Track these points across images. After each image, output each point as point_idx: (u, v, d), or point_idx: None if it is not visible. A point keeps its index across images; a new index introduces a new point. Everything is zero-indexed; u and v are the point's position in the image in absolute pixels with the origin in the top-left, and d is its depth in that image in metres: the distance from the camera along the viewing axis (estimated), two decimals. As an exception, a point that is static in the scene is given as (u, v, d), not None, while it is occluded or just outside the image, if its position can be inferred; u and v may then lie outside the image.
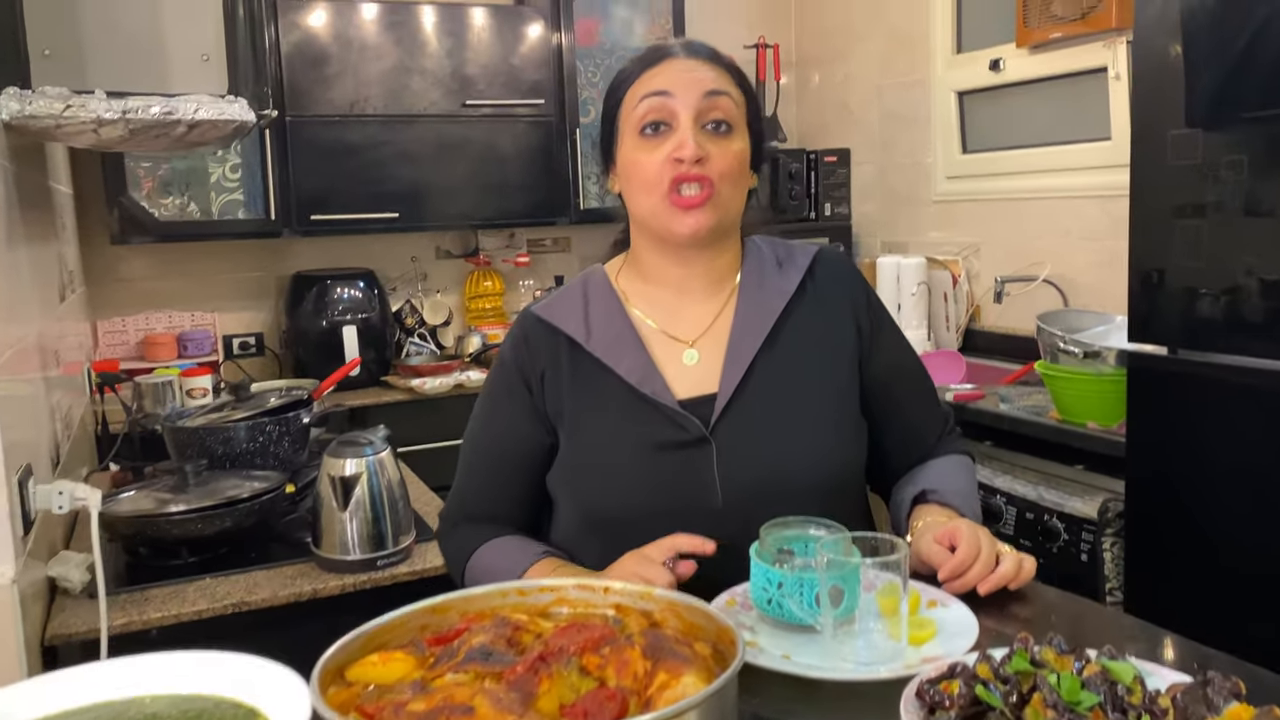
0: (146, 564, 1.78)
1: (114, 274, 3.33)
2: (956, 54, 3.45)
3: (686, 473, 1.22)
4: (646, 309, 1.32)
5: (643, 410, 1.24)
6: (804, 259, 1.33)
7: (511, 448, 1.34)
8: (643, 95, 1.23)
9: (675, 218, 1.22)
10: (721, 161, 1.21)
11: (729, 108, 1.23)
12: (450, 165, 3.39)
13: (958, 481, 1.32)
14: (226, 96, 1.80)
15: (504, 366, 1.35)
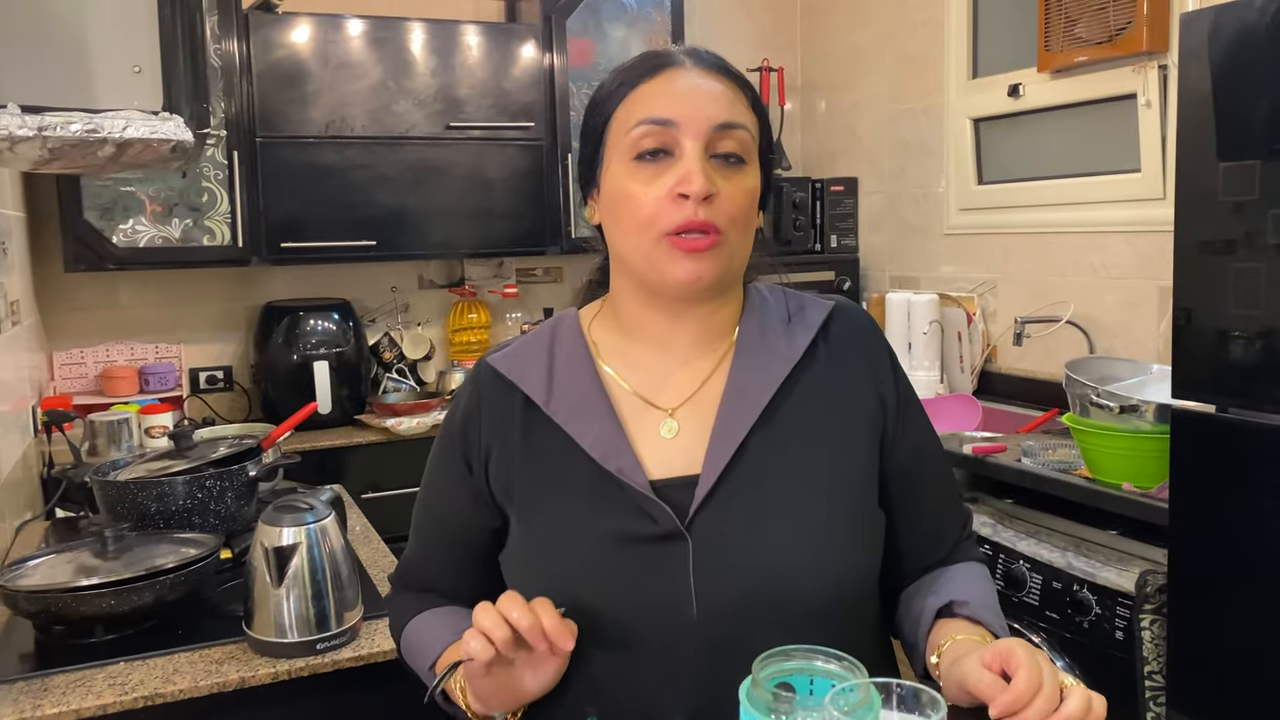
0: (59, 643, 1.55)
1: (72, 302, 3.13)
2: (972, 79, 3.25)
3: (655, 575, 0.97)
4: (621, 367, 1.08)
5: (607, 492, 1.01)
6: (817, 315, 1.10)
7: (452, 524, 1.13)
8: (639, 120, 1.00)
9: (672, 262, 0.99)
10: (732, 202, 0.99)
11: (744, 139, 1.01)
12: (434, 190, 3.19)
13: (986, 595, 1.08)
14: (160, 114, 1.60)
15: (448, 431, 1.13)
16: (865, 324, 1.14)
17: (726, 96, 1.01)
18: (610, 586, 0.99)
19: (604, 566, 0.99)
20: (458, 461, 1.10)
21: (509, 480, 1.06)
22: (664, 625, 0.96)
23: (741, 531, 0.99)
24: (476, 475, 1.09)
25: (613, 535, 1.00)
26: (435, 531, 1.16)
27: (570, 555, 1.01)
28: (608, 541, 1.00)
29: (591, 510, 1.01)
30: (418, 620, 1.13)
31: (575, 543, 1.01)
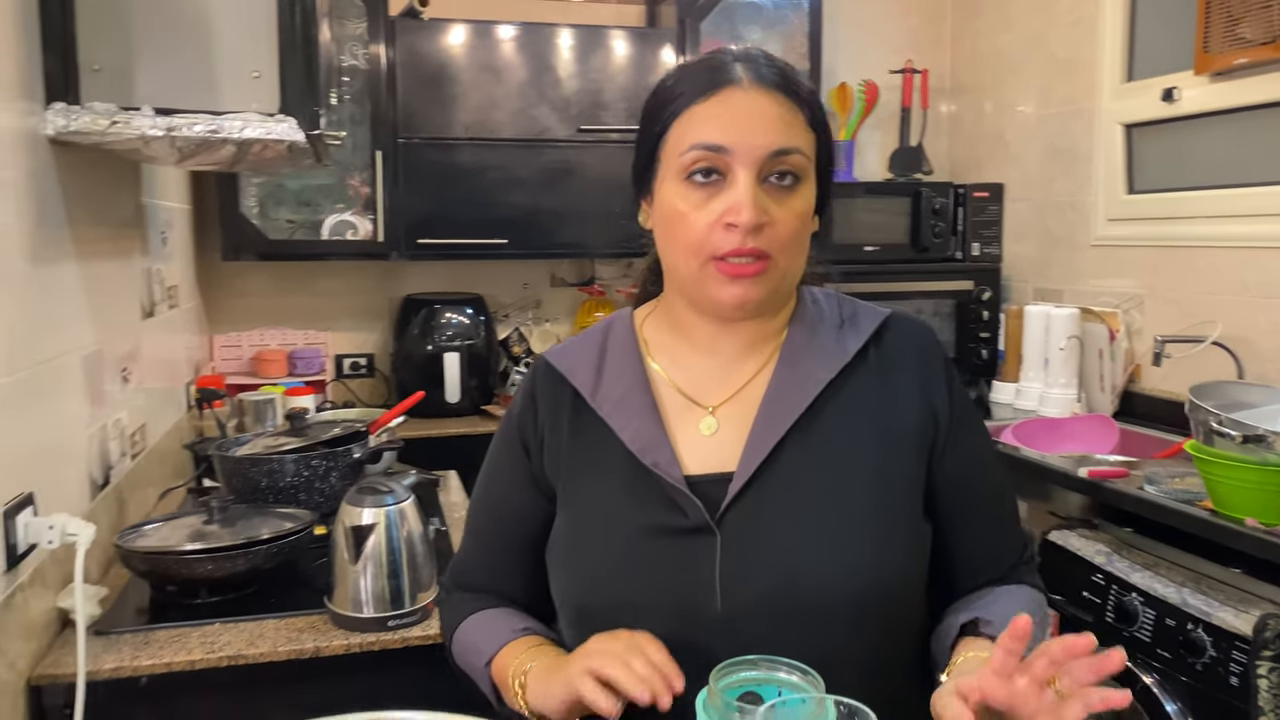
0: (169, 601, 1.69)
1: (231, 289, 3.37)
2: (1126, 82, 3.07)
3: (683, 568, 1.00)
4: (668, 364, 1.11)
5: (644, 484, 1.03)
6: (870, 322, 1.10)
7: (508, 517, 1.17)
8: (692, 144, 1.00)
9: (720, 285, 1.01)
10: (784, 226, 1.00)
11: (799, 162, 1.01)
12: (566, 191, 3.27)
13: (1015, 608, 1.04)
14: (276, 116, 1.72)
15: (508, 422, 1.19)
16: (921, 336, 1.12)
17: (784, 119, 1.00)
18: (639, 577, 1.01)
19: (634, 557, 1.02)
20: (516, 448, 1.15)
21: (557, 467, 1.10)
22: (689, 618, 0.98)
23: (770, 530, 1.00)
24: (534, 459, 1.13)
25: (645, 527, 1.02)
26: (490, 526, 1.20)
27: (604, 544, 1.04)
28: (640, 532, 1.02)
29: (627, 501, 1.04)
30: (470, 621, 1.17)
31: (609, 532, 1.04)
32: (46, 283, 1.60)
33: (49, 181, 1.63)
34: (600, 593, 1.03)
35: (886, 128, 3.83)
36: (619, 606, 1.01)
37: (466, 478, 2.58)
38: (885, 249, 3.57)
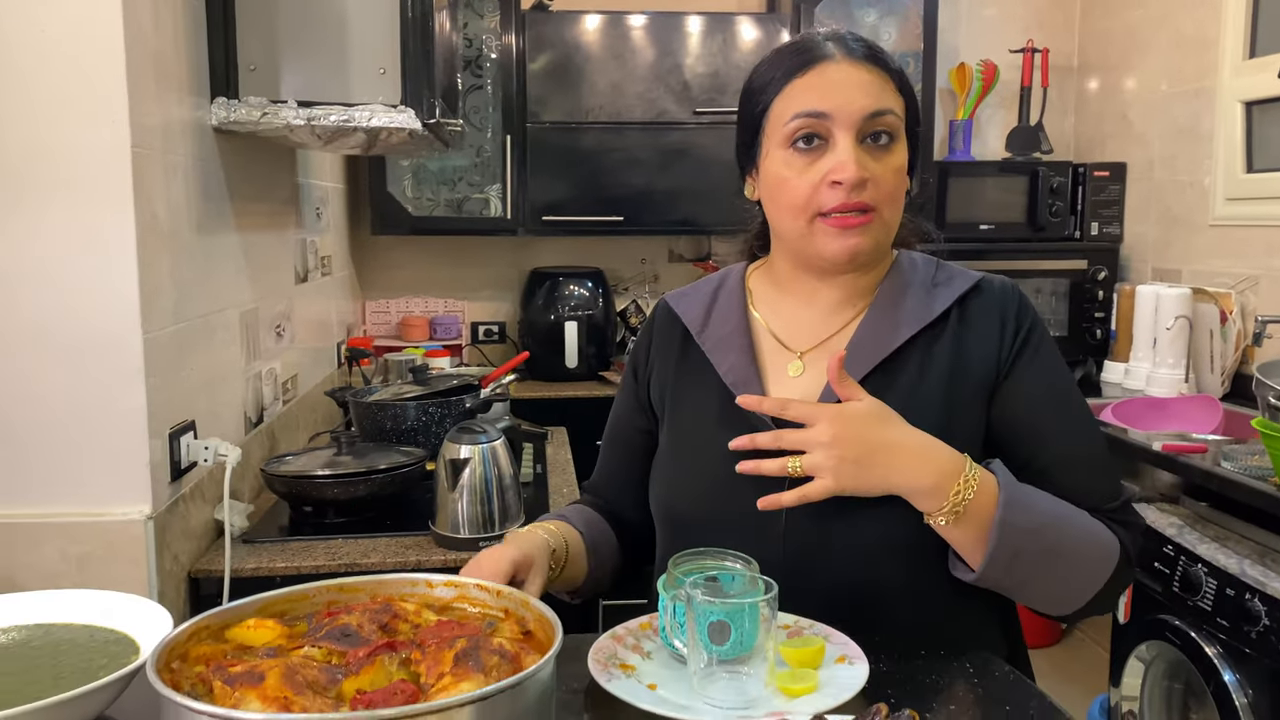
0: (304, 519, 2.00)
1: (381, 261, 3.73)
2: (1247, 59, 3.02)
3: (757, 486, 1.09)
4: (768, 313, 1.24)
5: (734, 415, 1.15)
6: (961, 284, 1.17)
7: (620, 436, 1.36)
8: (795, 113, 1.11)
9: (828, 239, 1.11)
10: (885, 181, 1.10)
11: (893, 122, 1.11)
12: (680, 171, 3.46)
13: (1045, 499, 1.06)
14: (399, 106, 1.99)
15: (630, 351, 1.39)
16: (1005, 297, 1.18)
17: (875, 85, 1.11)
18: (715, 490, 1.17)
19: (714, 472, 1.16)
20: (629, 376, 1.35)
21: (663, 393, 1.28)
22: (760, 536, 1.10)
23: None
24: (641, 384, 1.32)
25: (730, 452, 1.13)
26: (611, 440, 1.38)
27: (694, 464, 1.21)
28: (726, 457, 1.13)
29: (718, 429, 1.18)
30: (570, 506, 1.37)
31: (700, 454, 1.20)
32: (210, 249, 1.92)
33: (213, 164, 1.95)
34: (688, 506, 1.20)
35: (1008, 107, 3.85)
36: (703, 519, 1.17)
37: (577, 435, 2.83)
38: (1001, 227, 3.61)
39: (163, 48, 1.69)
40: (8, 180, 1.51)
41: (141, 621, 0.91)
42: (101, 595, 0.96)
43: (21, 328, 1.54)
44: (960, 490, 0.98)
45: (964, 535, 1.00)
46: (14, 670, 0.86)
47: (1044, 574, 1.02)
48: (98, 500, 1.59)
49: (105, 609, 0.94)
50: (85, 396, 1.56)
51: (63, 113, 1.51)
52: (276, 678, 0.79)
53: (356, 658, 0.85)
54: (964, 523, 0.98)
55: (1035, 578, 1.02)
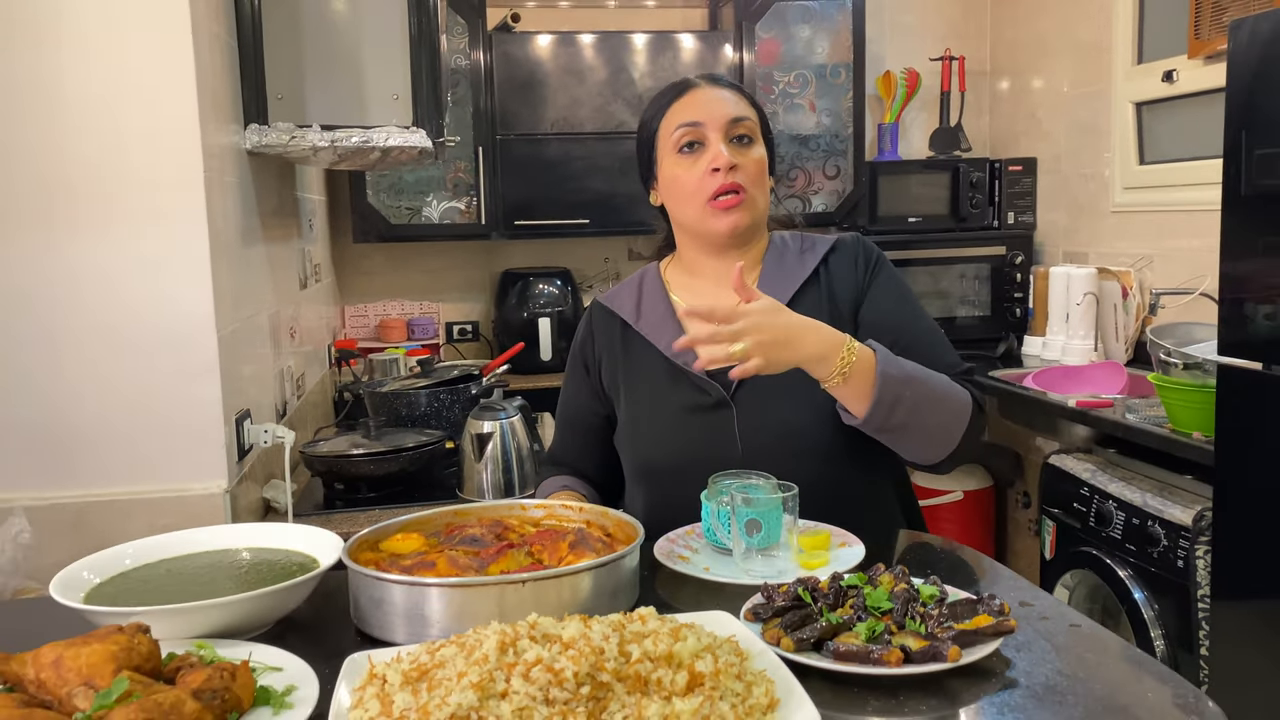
0: (339, 495, 2.26)
1: (359, 267, 3.97)
2: (1136, 64, 3.44)
3: (712, 431, 1.47)
4: (686, 296, 1.58)
5: (678, 378, 1.52)
6: (823, 246, 1.56)
7: (576, 415, 1.69)
8: (677, 125, 1.49)
9: (716, 219, 1.47)
10: (750, 168, 1.47)
11: (750, 126, 1.50)
12: (634, 177, 3.75)
13: (906, 363, 1.33)
14: (410, 128, 2.26)
15: (574, 350, 1.70)
16: (854, 244, 1.57)
17: (732, 100, 1.51)
18: (683, 441, 1.50)
19: (678, 426, 1.50)
20: (580, 370, 1.66)
21: (615, 378, 1.60)
22: (720, 463, 1.40)
23: (768, 398, 1.47)
24: (593, 376, 1.64)
25: (683, 405, 1.51)
26: (569, 422, 1.72)
27: (655, 422, 1.53)
28: (678, 410, 1.51)
29: (668, 391, 1.53)
30: (545, 483, 1.68)
31: (657, 413, 1.53)
32: (248, 258, 2.17)
33: (247, 183, 2.20)
34: (657, 455, 1.52)
35: (929, 110, 4.23)
36: (671, 464, 1.49)
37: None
38: (927, 220, 3.99)
39: (217, 82, 1.95)
40: (103, 203, 1.75)
41: (315, 544, 1.18)
42: (285, 526, 1.23)
43: (104, 329, 1.78)
44: (844, 356, 1.27)
45: (852, 390, 1.28)
46: (234, 576, 1.13)
47: (918, 418, 1.32)
48: (180, 479, 1.83)
49: (288, 536, 1.21)
50: (166, 388, 1.81)
51: (148, 143, 1.76)
52: (444, 564, 1.07)
53: (489, 554, 1.13)
54: (851, 380, 1.27)
55: (911, 422, 1.32)
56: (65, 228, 1.75)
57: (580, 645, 0.84)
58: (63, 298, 1.76)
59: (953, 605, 0.99)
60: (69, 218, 1.75)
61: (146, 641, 0.90)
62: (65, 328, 1.77)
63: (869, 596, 1.02)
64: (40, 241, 1.74)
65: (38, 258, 1.74)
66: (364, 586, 1.06)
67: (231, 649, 0.97)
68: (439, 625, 1.02)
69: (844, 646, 0.93)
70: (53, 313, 1.76)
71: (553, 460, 1.74)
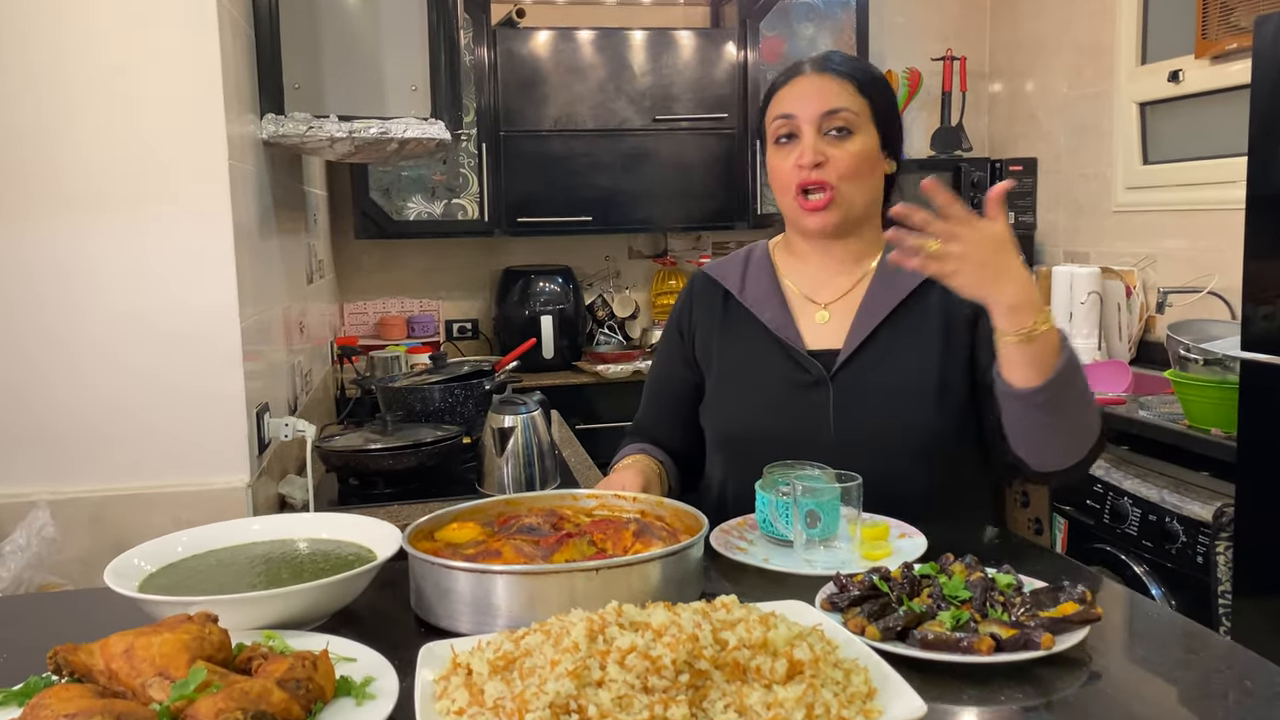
0: (355, 491, 2.22)
1: (357, 264, 3.93)
2: (1140, 65, 3.45)
3: (806, 408, 1.44)
4: (793, 276, 1.56)
5: (777, 353, 1.49)
6: None
7: (665, 383, 1.66)
8: (775, 116, 1.46)
9: (803, 217, 1.44)
10: (842, 162, 1.40)
11: (848, 118, 1.42)
12: (642, 174, 3.76)
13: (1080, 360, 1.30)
14: (429, 119, 2.23)
15: (671, 317, 1.68)
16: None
17: (833, 89, 1.43)
18: (775, 416, 1.47)
19: (772, 398, 1.48)
20: (674, 336, 1.64)
21: (709, 346, 1.58)
22: (808, 446, 1.39)
23: (867, 385, 1.44)
24: (687, 343, 1.62)
25: (780, 379, 1.48)
26: (657, 391, 1.69)
27: (750, 393, 1.51)
28: (776, 383, 1.48)
29: (766, 364, 1.50)
30: (622, 451, 1.64)
31: (753, 381, 1.51)
32: (265, 251, 2.13)
33: (263, 174, 2.16)
34: (744, 425, 1.50)
35: (930, 109, 4.24)
36: (758, 436, 1.47)
37: (568, 421, 3.09)
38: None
39: (237, 69, 1.91)
40: (124, 191, 1.71)
41: (369, 535, 1.15)
42: (338, 516, 1.20)
43: (124, 319, 1.74)
44: (1039, 320, 1.21)
45: (1031, 354, 1.22)
46: (290, 566, 1.10)
47: (1073, 411, 1.29)
48: (202, 473, 1.80)
49: (340, 527, 1.18)
50: (188, 380, 1.77)
51: (171, 129, 1.72)
52: (510, 552, 1.05)
53: (549, 543, 1.11)
54: (1034, 345, 1.21)
55: (1068, 412, 1.29)
56: (83, 216, 1.71)
57: (674, 632, 0.82)
58: (81, 288, 1.72)
59: (1035, 593, 0.98)
60: (87, 205, 1.71)
61: (217, 631, 0.88)
62: (84, 318, 1.73)
63: (946, 585, 1.01)
64: (57, 231, 1.70)
65: (56, 247, 1.70)
66: (430, 575, 1.04)
67: (299, 640, 0.95)
68: (507, 614, 0.99)
69: (932, 634, 0.91)
70: (72, 304, 1.72)
71: (638, 430, 1.70)
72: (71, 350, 1.73)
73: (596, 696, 0.76)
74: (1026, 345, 1.21)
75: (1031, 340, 1.21)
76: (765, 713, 0.77)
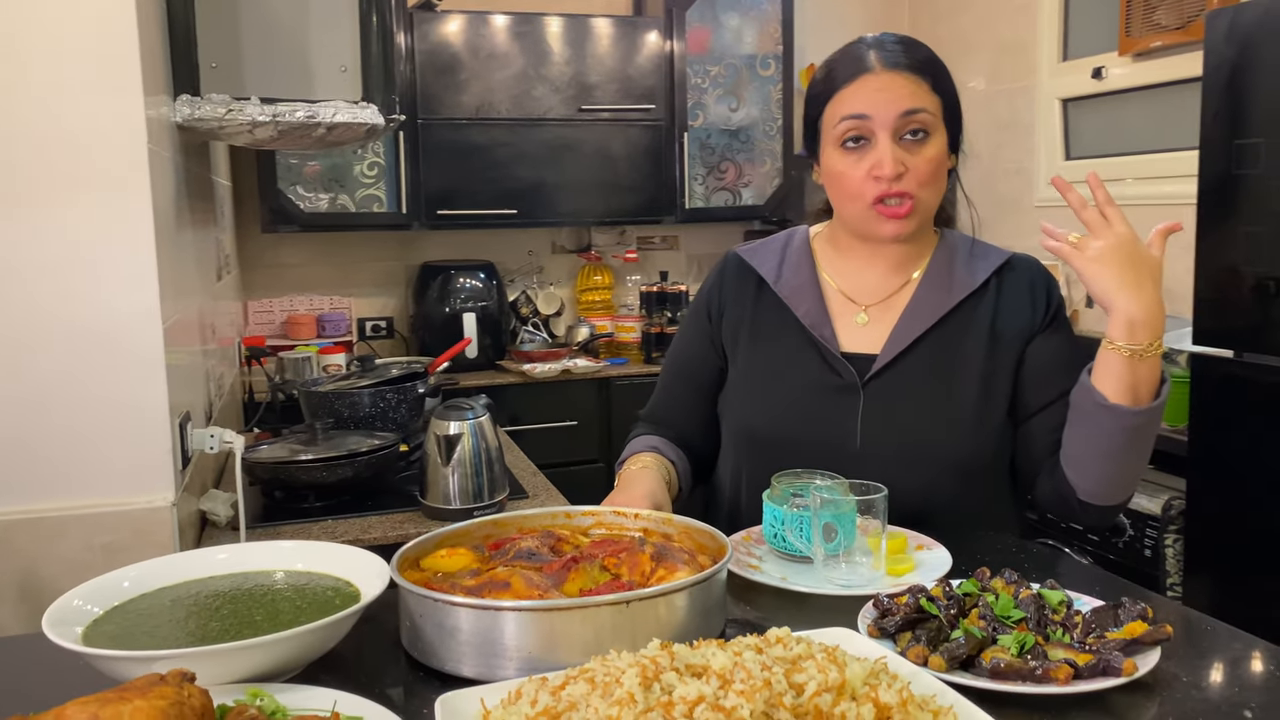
0: (281, 505, 2.05)
1: (264, 260, 3.70)
2: (1062, 61, 3.49)
3: (833, 413, 1.35)
4: (833, 271, 1.45)
5: (809, 350, 1.40)
6: (996, 259, 1.42)
7: (686, 365, 1.54)
8: (842, 116, 1.31)
9: (880, 224, 1.31)
10: (921, 170, 1.30)
11: (925, 119, 1.30)
12: (567, 166, 3.64)
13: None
14: (360, 103, 2.07)
15: (699, 297, 1.56)
16: (1041, 273, 1.43)
17: (908, 88, 1.30)
18: (800, 417, 1.38)
19: (798, 398, 1.39)
20: (702, 317, 1.52)
21: (737, 332, 1.47)
22: (832, 453, 1.31)
23: (901, 397, 1.35)
24: (714, 326, 1.50)
25: (809, 379, 1.38)
26: (676, 374, 1.57)
27: (777, 390, 1.41)
28: (802, 383, 1.38)
29: (796, 361, 1.40)
30: (634, 441, 1.53)
31: (782, 382, 1.41)
32: (181, 245, 1.94)
33: (178, 161, 1.97)
34: (765, 422, 1.40)
35: (851, 104, 4.22)
36: (780, 436, 1.37)
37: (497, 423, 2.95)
38: (852, 214, 3.97)
39: (151, 45, 1.73)
40: (32, 181, 1.52)
41: (348, 565, 1.02)
42: (314, 546, 1.05)
43: (40, 321, 1.55)
44: (1155, 343, 1.18)
45: (1136, 374, 1.18)
46: (263, 605, 0.95)
47: (1145, 447, 1.25)
48: (120, 491, 1.61)
49: (316, 557, 1.04)
50: (105, 387, 1.59)
51: (83, 109, 1.53)
52: (520, 583, 0.93)
53: (552, 570, 1.00)
54: (1143, 365, 1.18)
55: (1144, 445, 1.24)
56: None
57: (742, 677, 0.72)
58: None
59: (1096, 613, 0.91)
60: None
61: (198, 694, 0.74)
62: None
63: (996, 605, 0.93)
64: (-49, 220, 1.50)
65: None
66: (430, 613, 0.91)
67: (288, 696, 0.81)
68: (519, 656, 0.88)
69: (1004, 663, 0.83)
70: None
71: (651, 417, 1.58)
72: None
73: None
74: (1136, 364, 1.17)
75: (1142, 360, 1.17)
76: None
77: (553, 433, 3.37)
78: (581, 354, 3.70)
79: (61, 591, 0.94)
